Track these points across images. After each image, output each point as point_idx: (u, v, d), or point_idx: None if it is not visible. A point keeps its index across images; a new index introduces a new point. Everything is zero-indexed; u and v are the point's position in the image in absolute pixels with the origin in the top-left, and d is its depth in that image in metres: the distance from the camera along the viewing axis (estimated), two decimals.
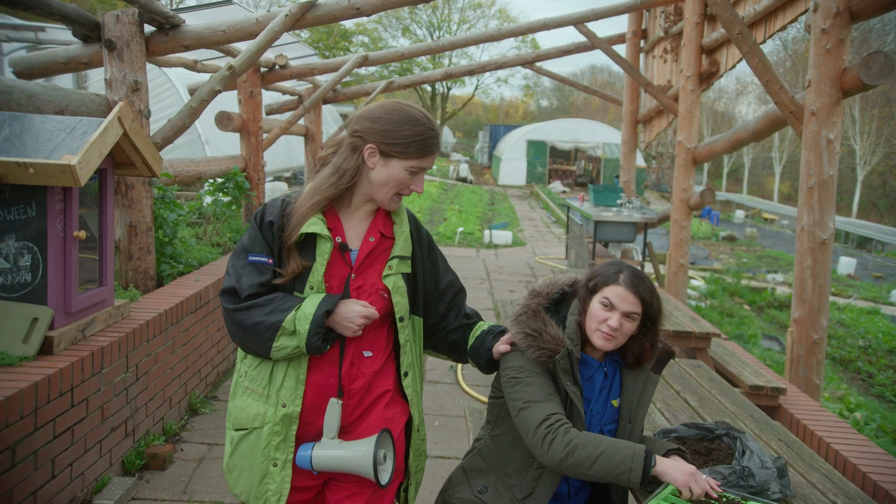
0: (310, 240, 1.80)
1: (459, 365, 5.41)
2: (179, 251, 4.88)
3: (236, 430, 1.86)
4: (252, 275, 1.77)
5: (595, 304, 1.95)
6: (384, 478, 1.79)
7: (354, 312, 1.76)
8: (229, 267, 1.82)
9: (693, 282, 12.14)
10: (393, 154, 1.78)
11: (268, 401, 1.81)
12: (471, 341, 2.05)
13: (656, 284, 8.46)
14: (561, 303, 2.08)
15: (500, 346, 1.98)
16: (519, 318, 1.98)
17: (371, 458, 1.73)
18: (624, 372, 2.06)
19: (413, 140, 1.78)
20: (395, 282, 1.86)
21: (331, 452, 1.78)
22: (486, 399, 4.66)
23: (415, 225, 1.98)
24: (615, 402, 2.04)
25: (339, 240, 1.83)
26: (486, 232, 13.04)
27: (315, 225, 1.77)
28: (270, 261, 1.79)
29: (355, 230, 1.87)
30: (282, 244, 1.79)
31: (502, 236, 12.87)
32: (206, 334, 4.51)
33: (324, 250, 1.79)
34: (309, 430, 1.83)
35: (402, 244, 1.89)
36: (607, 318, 1.92)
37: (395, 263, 1.87)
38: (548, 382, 1.91)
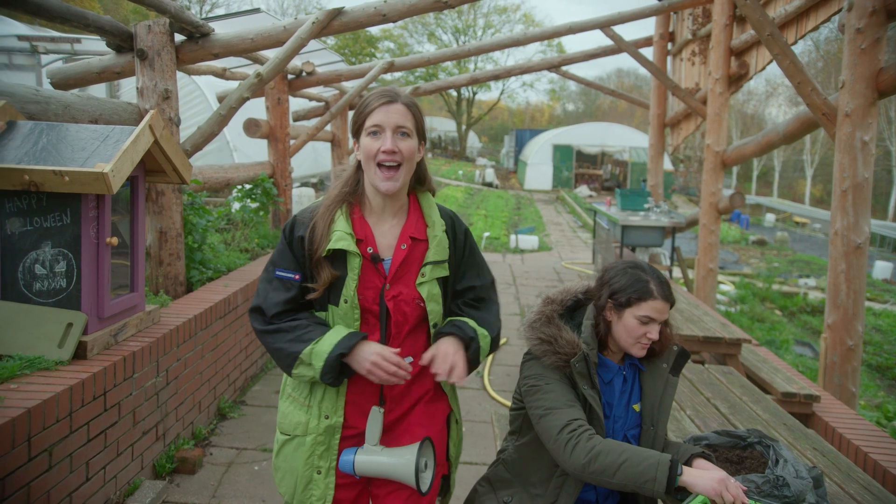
0: (340, 254, 1.79)
1: (486, 370, 5.39)
2: (208, 257, 4.94)
3: (282, 433, 1.91)
4: (279, 291, 1.80)
5: (631, 320, 1.92)
6: (424, 486, 1.81)
7: (367, 360, 1.72)
8: (259, 282, 1.86)
9: (722, 287, 11.96)
10: (359, 132, 1.81)
11: (309, 411, 1.84)
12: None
13: (684, 289, 8.34)
14: (575, 309, 2.07)
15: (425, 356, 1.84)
16: (533, 324, 1.98)
17: (413, 467, 1.76)
18: (643, 376, 2.05)
19: (361, 105, 1.80)
20: (429, 289, 1.83)
21: (373, 458, 1.80)
22: (510, 404, 4.63)
23: (451, 225, 1.92)
24: (636, 407, 2.03)
25: (371, 251, 1.81)
26: (513, 237, 13.00)
27: (342, 240, 1.76)
28: (297, 277, 1.80)
29: (387, 238, 1.84)
30: (312, 258, 1.79)
31: (528, 241, 12.81)
32: (235, 339, 4.56)
33: (353, 265, 1.78)
34: (350, 435, 1.86)
35: (436, 248, 1.85)
36: (646, 331, 1.92)
37: (428, 270, 1.83)
38: (567, 388, 1.90)
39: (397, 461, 1.78)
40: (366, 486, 1.92)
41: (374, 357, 1.72)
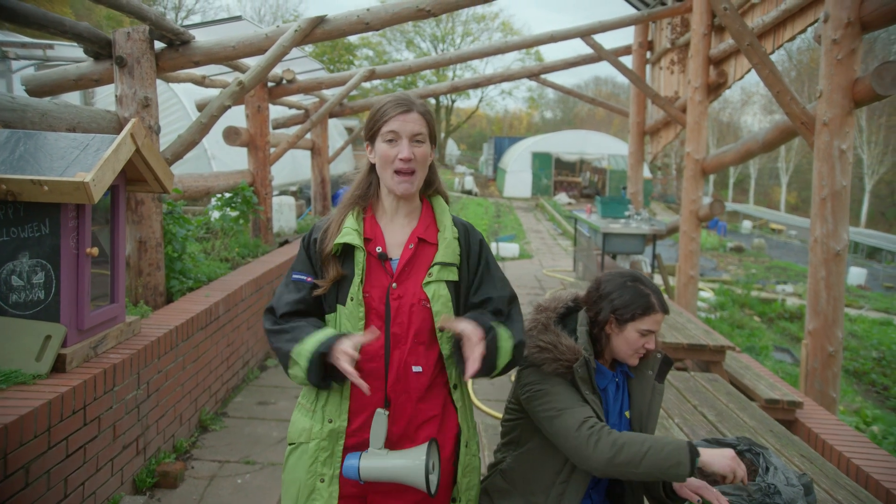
0: (349, 252, 1.83)
1: (470, 380, 5.38)
2: (188, 267, 4.89)
3: (289, 444, 1.91)
4: (291, 293, 1.86)
5: (633, 334, 1.98)
6: (433, 488, 1.77)
7: (339, 351, 1.69)
8: (279, 285, 1.92)
9: (702, 293, 12.09)
10: (374, 137, 1.85)
11: (313, 416, 1.85)
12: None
13: (665, 296, 8.43)
14: (566, 316, 2.09)
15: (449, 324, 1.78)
16: (529, 332, 1.99)
17: (423, 467, 1.72)
18: (631, 384, 2.08)
19: (378, 113, 1.85)
20: (435, 289, 1.82)
21: (379, 462, 1.76)
22: (498, 414, 4.64)
23: (464, 233, 1.93)
24: (627, 414, 2.06)
25: (380, 249, 1.84)
26: (493, 245, 13.02)
27: (348, 235, 1.82)
28: (309, 279, 1.86)
29: (396, 238, 1.88)
30: (321, 255, 1.85)
31: (509, 249, 12.85)
32: (216, 350, 4.50)
33: (359, 260, 1.82)
34: (354, 443, 1.83)
35: (445, 250, 1.86)
36: (645, 342, 1.98)
37: (435, 270, 1.83)
38: (573, 391, 1.93)
39: (406, 462, 1.74)
40: (364, 498, 1.88)
41: (345, 346, 1.68)
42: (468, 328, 1.72)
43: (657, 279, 10.08)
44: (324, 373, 1.74)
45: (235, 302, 4.85)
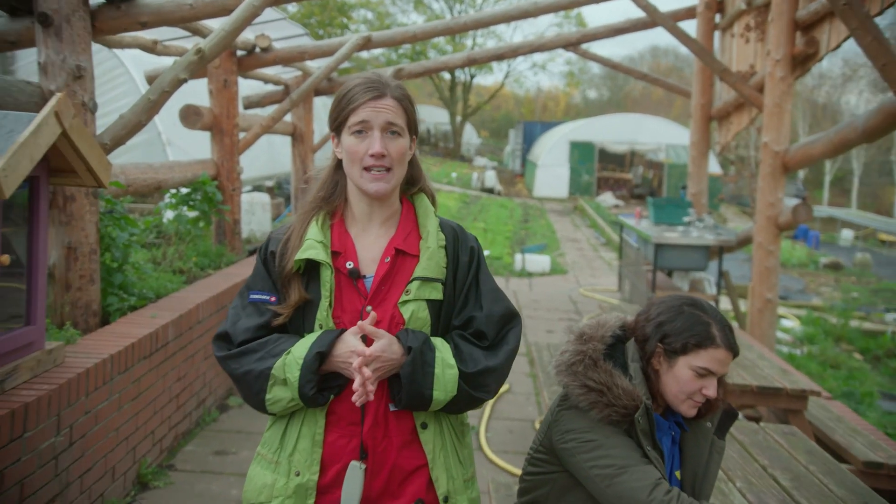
0: (314, 269, 1.84)
1: (483, 427, 5.34)
2: (131, 280, 4.90)
3: None
4: (251, 316, 1.87)
5: (685, 371, 1.96)
6: None
7: (347, 349, 1.76)
8: (230, 307, 1.93)
9: (785, 322, 11.99)
10: (341, 128, 1.87)
11: (277, 469, 1.85)
12: None
13: (735, 325, 8.35)
14: (612, 347, 2.09)
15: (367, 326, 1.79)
16: (573, 367, 2.00)
17: None
18: (684, 437, 2.09)
19: (344, 99, 1.86)
20: (413, 310, 1.84)
21: None
22: (514, 469, 4.59)
23: (453, 240, 1.95)
24: (678, 474, 2.07)
25: (351, 265, 1.85)
26: (518, 256, 13.05)
27: (311, 249, 1.82)
28: (273, 298, 1.88)
29: (371, 250, 1.90)
30: (282, 274, 1.86)
31: (538, 262, 12.86)
32: (163, 385, 4.49)
33: (326, 279, 1.83)
34: (327, 502, 1.84)
35: (427, 263, 1.88)
36: (702, 386, 1.95)
37: (414, 287, 1.85)
38: (632, 443, 1.93)
39: None
40: None
41: (355, 344, 1.76)
42: (376, 346, 1.75)
43: (724, 303, 9.99)
44: (320, 383, 1.77)
45: (190, 325, 4.85)
